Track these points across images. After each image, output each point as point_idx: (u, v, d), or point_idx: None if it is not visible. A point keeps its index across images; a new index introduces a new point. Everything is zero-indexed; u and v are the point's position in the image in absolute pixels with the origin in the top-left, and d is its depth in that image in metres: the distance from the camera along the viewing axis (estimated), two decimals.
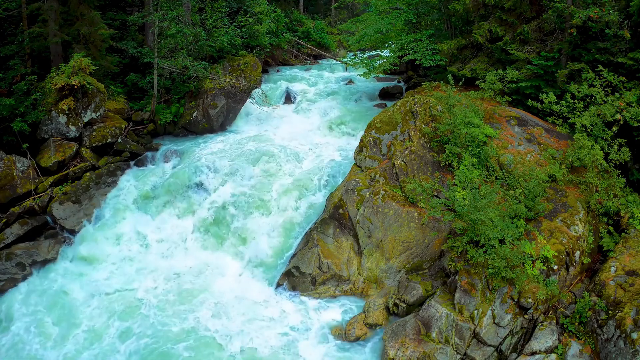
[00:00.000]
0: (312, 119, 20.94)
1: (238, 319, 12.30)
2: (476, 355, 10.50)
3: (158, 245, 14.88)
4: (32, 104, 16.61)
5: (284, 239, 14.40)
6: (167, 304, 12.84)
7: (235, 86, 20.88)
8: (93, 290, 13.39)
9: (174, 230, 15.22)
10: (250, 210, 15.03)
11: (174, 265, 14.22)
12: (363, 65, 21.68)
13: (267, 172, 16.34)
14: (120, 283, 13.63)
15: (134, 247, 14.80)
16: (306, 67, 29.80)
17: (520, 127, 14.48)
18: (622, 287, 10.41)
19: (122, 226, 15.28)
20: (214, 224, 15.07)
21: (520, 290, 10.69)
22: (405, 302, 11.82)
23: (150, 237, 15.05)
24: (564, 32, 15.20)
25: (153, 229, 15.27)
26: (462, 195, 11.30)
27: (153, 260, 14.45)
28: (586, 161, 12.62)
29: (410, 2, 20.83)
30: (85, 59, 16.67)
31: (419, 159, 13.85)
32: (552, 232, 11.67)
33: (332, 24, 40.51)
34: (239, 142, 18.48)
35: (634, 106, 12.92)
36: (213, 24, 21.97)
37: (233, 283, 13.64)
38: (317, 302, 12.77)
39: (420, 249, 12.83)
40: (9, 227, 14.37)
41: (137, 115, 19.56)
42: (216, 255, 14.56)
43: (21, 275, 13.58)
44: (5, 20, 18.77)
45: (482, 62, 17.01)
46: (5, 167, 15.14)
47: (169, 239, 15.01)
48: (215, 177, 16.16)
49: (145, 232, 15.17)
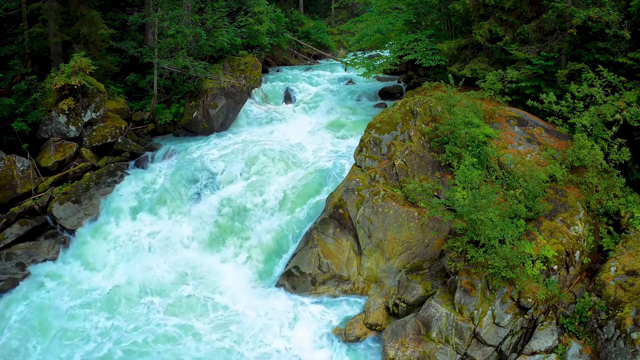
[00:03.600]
0: (312, 119, 20.95)
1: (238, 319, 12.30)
2: (476, 355, 10.50)
3: (158, 245, 14.86)
4: (32, 104, 16.62)
5: (283, 239, 14.39)
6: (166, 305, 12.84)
7: (235, 86, 20.89)
8: (87, 290, 13.41)
9: (173, 231, 15.21)
10: (249, 211, 15.02)
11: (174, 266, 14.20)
12: (363, 65, 21.67)
13: (267, 172, 16.34)
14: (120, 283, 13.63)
15: (133, 247, 14.78)
16: (306, 67, 29.79)
17: (520, 127, 14.48)
18: (622, 287, 10.41)
19: (122, 226, 15.29)
20: (213, 224, 15.05)
21: (520, 290, 10.69)
22: (405, 302, 11.82)
23: (150, 237, 15.03)
24: (564, 32, 15.20)
25: (152, 229, 15.26)
26: (462, 195, 11.30)
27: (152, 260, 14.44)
28: (586, 161, 12.62)
29: (410, 2, 20.81)
30: (85, 59, 16.68)
31: (419, 159, 13.85)
32: (552, 232, 11.67)
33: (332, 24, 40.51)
34: (238, 142, 18.48)
35: (634, 106, 12.91)
36: (213, 24, 21.97)
37: (233, 283, 13.63)
38: (317, 302, 12.77)
39: (420, 249, 12.83)
40: (9, 227, 14.38)
41: (137, 115, 19.56)
42: (216, 255, 14.56)
43: (21, 275, 13.58)
44: (5, 20, 18.79)
45: (482, 62, 17.01)
46: (5, 167, 15.15)
47: (169, 239, 14.98)
48: (215, 177, 16.16)
49: (145, 232, 15.16)
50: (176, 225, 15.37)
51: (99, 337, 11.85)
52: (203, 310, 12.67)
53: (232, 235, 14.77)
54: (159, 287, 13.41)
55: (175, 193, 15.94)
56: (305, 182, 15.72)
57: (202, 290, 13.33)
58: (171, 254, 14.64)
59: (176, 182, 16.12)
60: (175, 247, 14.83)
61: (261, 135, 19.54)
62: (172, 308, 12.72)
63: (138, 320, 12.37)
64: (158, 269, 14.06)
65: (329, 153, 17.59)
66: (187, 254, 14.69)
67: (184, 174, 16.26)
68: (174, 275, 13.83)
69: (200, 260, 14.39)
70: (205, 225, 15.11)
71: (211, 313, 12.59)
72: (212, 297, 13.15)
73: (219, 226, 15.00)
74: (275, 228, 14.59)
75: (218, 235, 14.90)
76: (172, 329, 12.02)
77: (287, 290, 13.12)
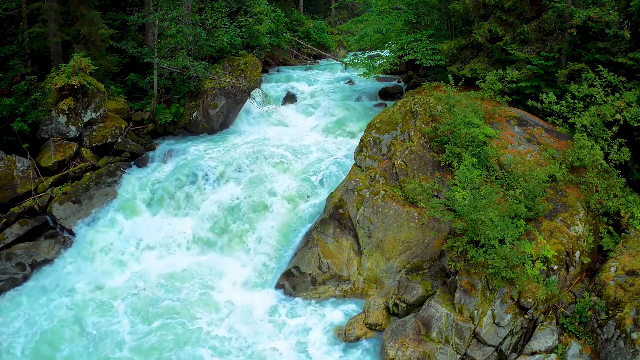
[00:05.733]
0: (312, 119, 20.95)
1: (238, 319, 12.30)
2: (476, 355, 10.50)
3: (157, 245, 14.86)
4: (32, 104, 16.61)
5: (283, 239, 14.39)
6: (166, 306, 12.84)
7: (235, 86, 20.89)
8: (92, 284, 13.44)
9: (172, 231, 15.20)
10: (249, 211, 15.02)
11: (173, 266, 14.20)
12: (363, 65, 21.68)
13: (267, 172, 16.33)
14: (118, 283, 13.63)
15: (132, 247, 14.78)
16: (306, 67, 29.79)
17: (520, 127, 14.48)
18: (622, 287, 10.41)
19: (122, 226, 15.28)
20: (213, 225, 15.05)
21: (520, 290, 10.69)
22: (405, 302, 11.82)
23: (150, 237, 15.03)
24: (564, 32, 15.20)
25: (152, 229, 15.25)
26: (462, 195, 11.30)
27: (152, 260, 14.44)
28: (586, 161, 12.61)
29: (410, 2, 20.82)
30: (85, 59, 16.68)
31: (419, 159, 13.85)
32: (552, 232, 11.67)
33: (332, 24, 40.49)
34: (238, 142, 18.49)
35: (634, 106, 12.91)
36: (213, 24, 21.96)
37: (232, 284, 13.64)
38: (317, 302, 12.77)
39: (420, 249, 12.83)
40: (9, 227, 14.38)
41: (137, 115, 19.55)
42: (215, 256, 14.56)
43: (21, 275, 13.58)
44: (5, 20, 18.78)
45: (482, 62, 17.01)
46: (5, 167, 15.15)
47: (168, 239, 14.98)
48: (214, 177, 16.16)
49: (144, 232, 15.15)
50: (176, 224, 15.37)
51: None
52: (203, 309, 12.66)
53: (231, 234, 14.76)
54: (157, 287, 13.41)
55: (174, 193, 15.94)
56: (305, 182, 15.73)
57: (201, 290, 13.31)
58: (170, 254, 14.65)
59: (176, 181, 16.12)
60: (174, 247, 14.84)
61: (261, 135, 19.53)
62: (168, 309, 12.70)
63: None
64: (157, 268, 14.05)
65: (329, 153, 17.58)
66: (187, 253, 14.70)
67: (183, 173, 16.26)
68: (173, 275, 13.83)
69: (199, 260, 14.39)
70: (204, 225, 15.09)
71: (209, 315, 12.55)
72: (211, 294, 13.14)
73: (218, 226, 14.99)
74: (274, 228, 14.58)
75: (217, 235, 14.89)
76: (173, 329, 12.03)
77: (287, 290, 13.12)
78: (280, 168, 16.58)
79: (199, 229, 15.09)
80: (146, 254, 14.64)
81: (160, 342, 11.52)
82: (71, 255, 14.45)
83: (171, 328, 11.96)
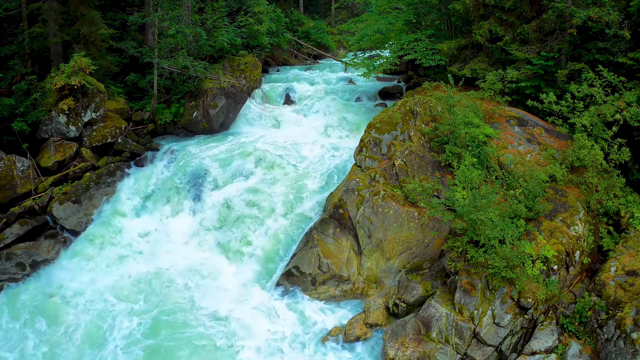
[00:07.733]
0: (312, 119, 20.94)
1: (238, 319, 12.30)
2: (476, 355, 10.50)
3: (157, 245, 14.87)
4: (32, 104, 16.60)
5: (283, 239, 14.39)
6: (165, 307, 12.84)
7: (235, 86, 20.88)
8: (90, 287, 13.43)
9: (172, 231, 15.21)
10: (249, 211, 15.02)
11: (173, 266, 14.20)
12: (363, 65, 21.66)
13: (267, 172, 16.34)
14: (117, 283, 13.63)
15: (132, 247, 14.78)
16: (306, 67, 29.78)
17: (520, 127, 14.48)
18: (622, 287, 10.41)
19: (122, 226, 15.28)
20: (213, 225, 15.05)
21: (520, 290, 10.69)
22: (405, 302, 11.82)
23: (149, 237, 15.04)
24: (564, 32, 15.20)
25: (152, 229, 15.27)
26: (462, 195, 11.30)
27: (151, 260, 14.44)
28: (586, 161, 12.62)
29: (410, 2, 20.81)
30: (85, 59, 16.67)
31: (419, 159, 13.85)
32: (552, 232, 11.67)
33: (332, 24, 40.49)
34: (238, 143, 18.48)
35: (634, 106, 12.91)
36: (213, 24, 21.96)
37: (232, 284, 13.64)
38: (317, 302, 12.77)
39: (420, 249, 12.83)
40: (9, 227, 14.36)
41: (137, 115, 19.55)
42: (215, 256, 14.55)
43: (21, 275, 13.58)
44: (5, 20, 18.77)
45: (482, 62, 17.01)
46: (5, 167, 15.14)
47: (168, 239, 14.99)
48: (214, 177, 16.16)
49: (144, 232, 15.17)
50: (176, 224, 15.37)
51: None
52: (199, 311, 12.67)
53: (231, 235, 14.75)
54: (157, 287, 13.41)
55: (174, 193, 15.95)
56: (305, 182, 15.73)
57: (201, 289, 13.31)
58: (170, 254, 14.65)
59: (176, 181, 16.12)
60: (174, 247, 14.83)
61: (261, 135, 19.53)
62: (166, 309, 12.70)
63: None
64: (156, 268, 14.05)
65: (329, 153, 17.58)
66: (186, 253, 14.69)
67: (183, 173, 16.26)
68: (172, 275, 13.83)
69: (199, 260, 14.39)
70: (204, 225, 15.11)
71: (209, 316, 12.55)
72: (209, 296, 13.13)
73: (218, 226, 14.99)
74: (274, 228, 14.59)
75: (217, 234, 14.89)
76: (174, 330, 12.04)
77: (287, 290, 13.11)
78: (280, 168, 16.57)
79: (199, 228, 15.10)
80: (146, 254, 14.64)
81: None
82: (71, 255, 14.45)
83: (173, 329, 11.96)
